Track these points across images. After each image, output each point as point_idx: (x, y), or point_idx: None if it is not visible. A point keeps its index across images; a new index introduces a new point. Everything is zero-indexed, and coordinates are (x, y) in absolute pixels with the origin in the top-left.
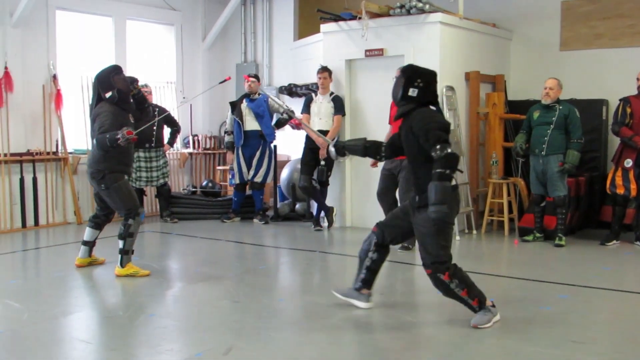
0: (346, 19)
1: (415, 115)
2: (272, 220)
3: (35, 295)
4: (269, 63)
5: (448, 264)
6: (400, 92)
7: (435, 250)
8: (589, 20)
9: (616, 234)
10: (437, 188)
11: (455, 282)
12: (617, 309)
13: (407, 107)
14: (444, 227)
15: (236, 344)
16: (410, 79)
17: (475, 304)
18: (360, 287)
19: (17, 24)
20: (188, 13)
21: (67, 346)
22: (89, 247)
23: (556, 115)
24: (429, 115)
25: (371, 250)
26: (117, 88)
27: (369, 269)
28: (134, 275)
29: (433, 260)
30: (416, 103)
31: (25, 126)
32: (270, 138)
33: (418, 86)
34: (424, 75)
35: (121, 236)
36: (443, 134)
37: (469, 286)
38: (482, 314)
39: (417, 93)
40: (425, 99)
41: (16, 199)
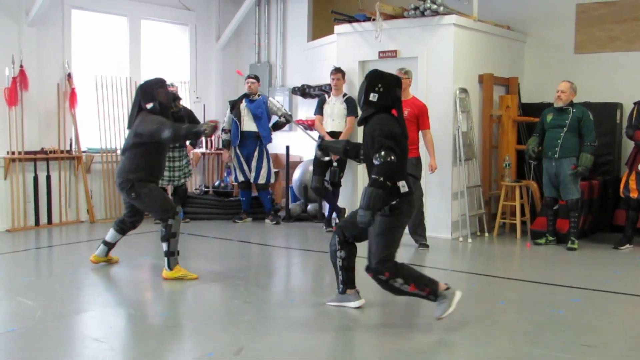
0: (360, 21)
1: (370, 121)
2: (284, 221)
3: (48, 293)
4: (283, 64)
5: (389, 264)
6: (362, 97)
7: (378, 249)
8: (604, 23)
9: (629, 238)
10: (367, 193)
11: (400, 281)
12: (629, 313)
13: (367, 111)
14: (390, 227)
15: (247, 344)
16: (372, 84)
17: (428, 293)
18: (344, 289)
19: (32, 22)
20: (202, 13)
21: (79, 344)
22: (109, 248)
23: (569, 118)
24: (381, 121)
25: (338, 250)
26: (159, 100)
27: (343, 269)
28: (182, 278)
29: (376, 259)
30: (376, 108)
31: (40, 124)
32: (267, 140)
33: (378, 91)
34: (385, 80)
35: (164, 238)
36: (387, 142)
37: (416, 279)
38: (439, 302)
39: (377, 98)
40: (385, 103)
41: (30, 197)
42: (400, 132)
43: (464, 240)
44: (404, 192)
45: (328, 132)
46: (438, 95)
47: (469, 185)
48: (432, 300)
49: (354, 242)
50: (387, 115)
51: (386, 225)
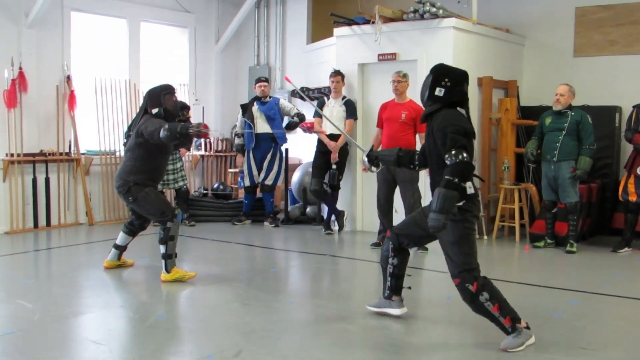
0: (359, 23)
1: (438, 116)
2: (283, 224)
3: (47, 296)
4: (282, 66)
5: (475, 273)
6: (427, 92)
7: (459, 258)
8: (603, 27)
9: (628, 241)
10: (440, 195)
11: (485, 296)
12: (628, 316)
13: (432, 107)
14: (466, 234)
15: (246, 347)
16: (438, 78)
17: (507, 322)
18: (390, 294)
19: (32, 24)
20: (202, 16)
21: (78, 347)
22: (120, 251)
23: (568, 121)
24: (451, 117)
25: (390, 257)
26: (165, 107)
27: (392, 276)
28: (181, 279)
29: (460, 269)
30: (442, 103)
31: (39, 127)
32: (282, 141)
33: (445, 86)
34: (453, 74)
35: (162, 241)
36: (461, 139)
37: (501, 302)
38: (514, 336)
39: (444, 93)
40: (452, 99)
41: (29, 199)
42: (472, 130)
43: None
44: (470, 194)
45: (327, 134)
46: None
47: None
48: (508, 332)
49: (408, 249)
50: (457, 111)
51: (460, 231)
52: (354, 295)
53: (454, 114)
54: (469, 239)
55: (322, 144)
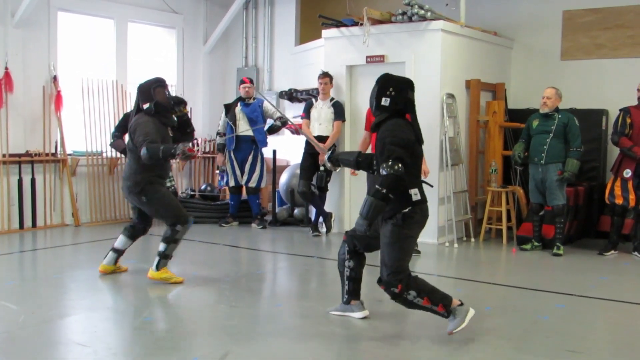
0: (348, 25)
1: (383, 126)
2: (270, 225)
3: (32, 297)
4: (270, 68)
5: (401, 276)
6: (374, 102)
7: (391, 260)
8: (590, 31)
9: (614, 244)
10: (367, 203)
11: (413, 294)
12: (614, 319)
13: (380, 117)
14: (405, 239)
15: (232, 349)
16: (383, 88)
17: (441, 309)
18: (348, 299)
19: (18, 24)
20: (190, 16)
21: (64, 349)
22: (118, 255)
23: (555, 124)
24: (393, 127)
25: (347, 259)
26: (156, 101)
27: (350, 279)
28: (167, 280)
29: (388, 271)
30: (389, 112)
31: (25, 127)
32: (262, 144)
33: (390, 95)
34: (397, 83)
35: (166, 239)
36: (398, 150)
37: (430, 293)
38: (452, 318)
39: (389, 102)
40: (397, 107)
41: (14, 200)
42: (413, 139)
43: (450, 246)
44: (416, 200)
45: (315, 136)
46: (425, 101)
47: (456, 191)
48: (445, 316)
49: (364, 252)
50: (401, 120)
51: (398, 235)
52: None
53: (397, 124)
54: (406, 244)
55: (309, 145)
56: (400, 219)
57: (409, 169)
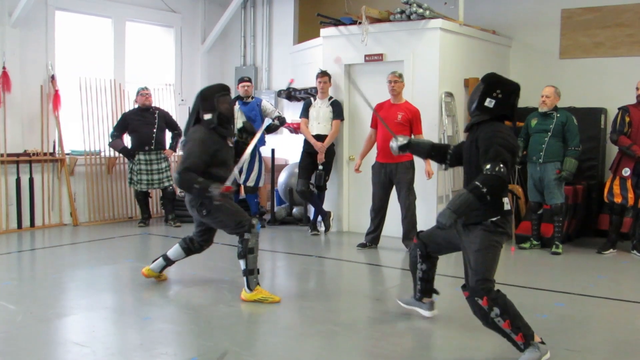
0: (346, 24)
1: (485, 127)
2: (269, 224)
3: (30, 297)
4: (268, 67)
5: (489, 285)
6: (476, 101)
7: (480, 266)
8: (589, 29)
9: (613, 243)
10: (462, 197)
11: (496, 311)
12: (613, 317)
13: (479, 117)
14: (492, 246)
15: (231, 348)
16: (490, 89)
17: (519, 339)
18: (420, 297)
19: (16, 23)
20: (188, 15)
21: (62, 349)
22: (167, 264)
23: (554, 122)
24: (500, 130)
25: (419, 262)
26: (219, 111)
27: (422, 280)
28: (263, 301)
29: (477, 277)
30: (490, 115)
31: (23, 126)
32: (260, 143)
33: (496, 97)
34: (506, 86)
35: (241, 255)
36: (505, 154)
37: (513, 317)
38: (529, 351)
39: (494, 105)
40: (501, 112)
41: (12, 200)
42: (518, 147)
43: None
44: (506, 210)
45: (314, 135)
46: (424, 99)
47: (454, 189)
48: (520, 349)
49: (435, 255)
50: (506, 125)
51: (489, 242)
52: (341, 296)
53: (504, 128)
54: (494, 252)
55: (308, 144)
56: (491, 226)
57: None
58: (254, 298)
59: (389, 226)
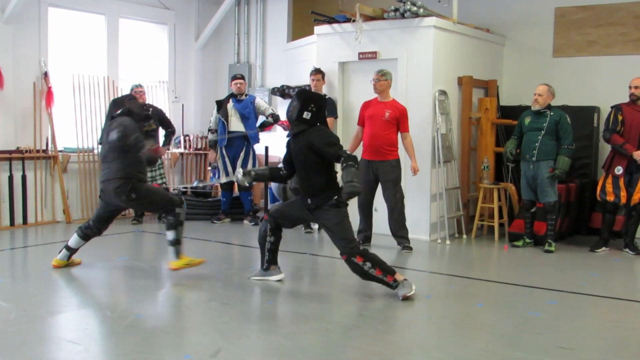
0: (340, 22)
1: (313, 132)
2: None
3: (23, 295)
4: (262, 64)
5: (356, 244)
6: (295, 114)
7: (344, 234)
8: (582, 28)
9: (605, 241)
10: (352, 171)
11: (368, 264)
12: (605, 315)
13: (300, 127)
14: (346, 216)
15: (224, 346)
16: (305, 103)
17: (390, 279)
18: (268, 266)
19: (8, 20)
20: (182, 12)
21: (54, 346)
22: (71, 253)
23: (547, 121)
24: (326, 132)
25: (268, 236)
26: (129, 108)
27: (270, 251)
28: (190, 265)
29: (345, 242)
30: (309, 124)
31: (15, 123)
32: (254, 141)
33: (311, 110)
34: (317, 101)
35: (172, 226)
36: (340, 144)
37: (380, 264)
38: (401, 288)
39: (311, 116)
40: (316, 121)
41: (5, 197)
42: None
43: (442, 242)
44: (340, 187)
45: None
46: (417, 97)
47: (448, 187)
48: (393, 287)
49: (286, 228)
50: (322, 127)
51: (341, 213)
52: (333, 294)
53: (325, 130)
54: (347, 219)
55: None
56: (336, 201)
57: None
58: (181, 264)
59: (381, 224)
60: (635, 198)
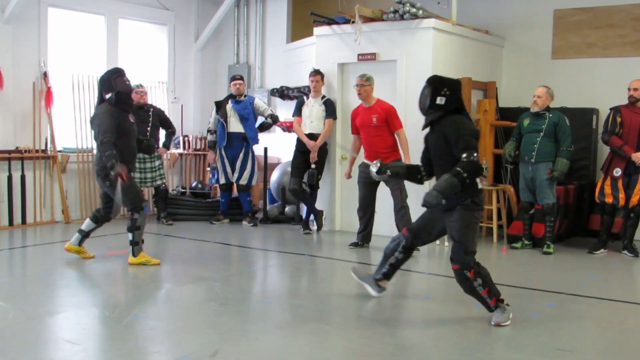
0: (339, 23)
1: (447, 121)
2: (261, 223)
3: (21, 294)
4: (262, 65)
5: (472, 257)
6: (428, 101)
7: (465, 241)
8: (581, 30)
9: (604, 243)
10: (447, 180)
11: (479, 281)
12: (603, 317)
13: (435, 114)
14: (473, 222)
15: (223, 347)
16: (437, 89)
17: (492, 302)
18: (381, 278)
19: (8, 20)
20: (181, 13)
21: (53, 346)
22: (82, 235)
23: (546, 123)
24: (460, 122)
25: (398, 251)
26: (118, 90)
27: (392, 265)
28: (146, 263)
29: (464, 249)
30: (444, 111)
31: (15, 123)
32: (254, 141)
33: (445, 94)
34: (450, 84)
35: (129, 229)
36: (472, 141)
37: (490, 285)
38: (499, 312)
39: (445, 101)
40: (453, 106)
41: (4, 197)
42: (479, 131)
43: (440, 244)
44: (480, 189)
45: (306, 133)
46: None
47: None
48: (491, 310)
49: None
50: (463, 117)
51: (469, 218)
52: (332, 295)
53: (461, 120)
54: (474, 227)
55: (301, 143)
56: (471, 204)
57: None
58: (138, 261)
59: (380, 225)
60: (633, 200)
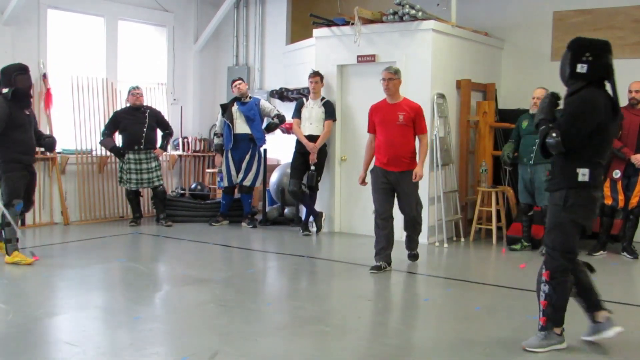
0: (339, 25)
1: (577, 97)
2: (261, 225)
3: (21, 296)
4: (261, 66)
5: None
6: (567, 70)
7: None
8: (580, 31)
9: (603, 245)
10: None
11: (545, 289)
12: None
13: (575, 86)
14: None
15: (222, 349)
16: (577, 54)
17: (542, 321)
18: (592, 316)
19: (7, 21)
20: (180, 15)
21: (52, 348)
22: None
23: None
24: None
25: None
26: (16, 87)
27: (579, 295)
28: (18, 263)
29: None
30: (587, 80)
31: None
32: (261, 142)
33: (587, 60)
34: (593, 47)
35: (1, 226)
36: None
37: (554, 304)
38: (541, 336)
39: (587, 69)
40: (597, 74)
41: None
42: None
43: (440, 245)
44: (582, 181)
45: (306, 135)
46: (416, 100)
47: (446, 191)
48: (538, 328)
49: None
50: (595, 94)
51: (559, 216)
52: (332, 296)
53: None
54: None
55: (300, 144)
56: (560, 199)
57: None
58: (11, 260)
59: None
60: (633, 202)
